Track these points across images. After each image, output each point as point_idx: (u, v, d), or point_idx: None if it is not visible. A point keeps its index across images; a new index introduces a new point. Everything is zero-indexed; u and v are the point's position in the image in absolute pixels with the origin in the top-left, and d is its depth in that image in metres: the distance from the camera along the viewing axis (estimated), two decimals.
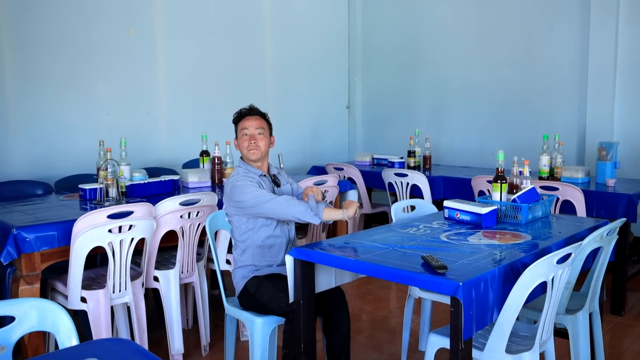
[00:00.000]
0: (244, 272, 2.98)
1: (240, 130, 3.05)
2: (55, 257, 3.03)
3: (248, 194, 2.85)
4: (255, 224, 2.95)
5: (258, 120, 3.07)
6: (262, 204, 2.82)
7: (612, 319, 4.09)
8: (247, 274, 2.97)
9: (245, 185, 2.88)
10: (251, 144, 3.01)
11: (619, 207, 4.06)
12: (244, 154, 3.05)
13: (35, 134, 4.61)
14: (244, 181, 2.90)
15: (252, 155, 3.01)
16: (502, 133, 5.99)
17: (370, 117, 7.22)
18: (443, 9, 6.42)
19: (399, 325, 3.92)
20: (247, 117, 3.07)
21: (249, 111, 3.10)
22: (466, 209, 3.01)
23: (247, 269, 2.98)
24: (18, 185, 4.04)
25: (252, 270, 2.97)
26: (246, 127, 3.03)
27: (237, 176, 2.96)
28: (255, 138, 3.02)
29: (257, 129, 3.04)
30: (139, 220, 3.10)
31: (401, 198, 5.06)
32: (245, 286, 2.96)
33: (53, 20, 4.64)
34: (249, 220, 2.95)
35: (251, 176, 2.97)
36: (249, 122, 3.05)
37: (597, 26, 5.25)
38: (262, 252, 2.98)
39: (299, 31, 6.60)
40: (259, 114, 3.12)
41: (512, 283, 2.22)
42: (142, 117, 5.27)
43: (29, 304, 1.83)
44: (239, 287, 2.99)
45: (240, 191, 2.88)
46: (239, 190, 2.88)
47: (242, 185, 2.88)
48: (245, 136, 3.03)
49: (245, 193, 2.86)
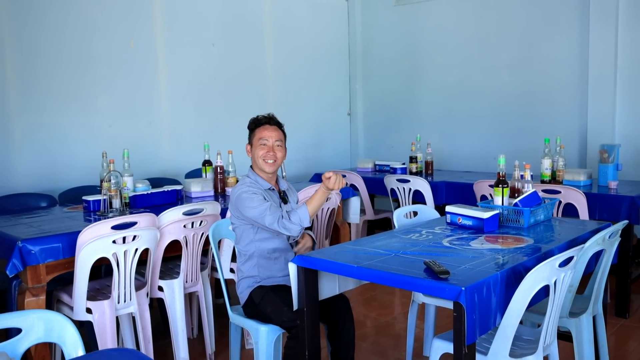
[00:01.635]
0: (249, 282, 2.98)
1: (258, 139, 3.01)
2: (60, 268, 3.04)
3: (252, 207, 2.84)
4: (262, 234, 2.95)
5: (277, 131, 3.04)
6: (264, 217, 2.82)
7: (616, 321, 4.08)
8: (252, 283, 2.97)
9: (250, 197, 2.87)
10: (269, 155, 2.98)
11: (621, 209, 4.06)
12: (258, 163, 3.00)
13: (39, 147, 4.64)
14: (249, 192, 2.89)
15: (268, 167, 2.99)
16: (504, 137, 6.00)
17: (372, 124, 7.24)
18: (443, 14, 6.45)
19: (403, 331, 3.92)
20: (266, 125, 3.03)
21: (269, 120, 3.05)
22: (468, 213, 3.02)
23: (251, 280, 2.98)
24: (22, 198, 4.06)
25: (257, 280, 2.97)
26: (265, 138, 2.99)
27: (242, 186, 2.95)
28: (273, 150, 2.99)
29: (276, 141, 3.01)
30: (142, 230, 3.11)
31: (403, 204, 5.07)
32: (250, 295, 2.95)
33: (55, 34, 4.68)
34: (254, 230, 2.95)
35: (257, 187, 2.95)
36: (268, 133, 3.01)
37: (596, 29, 5.27)
38: (267, 263, 2.97)
39: (299, 39, 6.63)
40: (278, 124, 3.08)
41: (514, 287, 2.23)
42: (144, 128, 5.30)
43: (35, 316, 1.85)
44: (244, 297, 2.99)
45: (245, 203, 2.87)
46: (243, 201, 2.88)
47: (247, 198, 2.87)
48: (263, 146, 2.99)
49: (249, 206, 2.85)
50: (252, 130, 3.06)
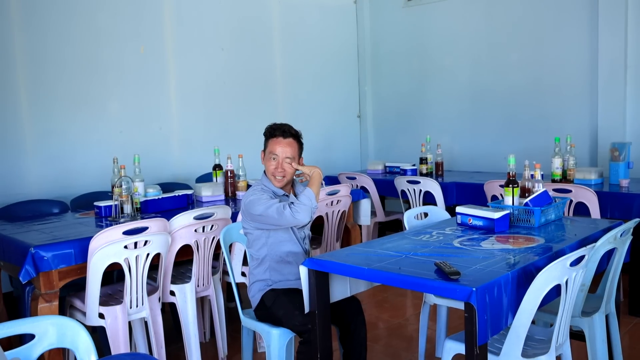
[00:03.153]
0: (260, 285, 2.98)
1: (270, 152, 2.99)
2: (73, 274, 3.06)
3: (260, 204, 2.85)
4: (275, 238, 2.95)
5: (290, 146, 2.99)
6: (272, 210, 2.81)
7: (630, 320, 4.05)
8: (263, 287, 2.97)
9: (259, 198, 2.88)
10: (277, 171, 2.97)
11: (633, 207, 4.04)
12: (269, 175, 3.01)
13: (50, 154, 4.68)
14: (258, 194, 2.91)
15: (277, 183, 2.99)
16: (514, 137, 5.98)
17: (382, 126, 7.24)
18: (452, 15, 6.44)
19: (416, 332, 3.91)
20: (279, 139, 2.98)
21: (283, 133, 2.99)
22: (478, 214, 3.01)
23: (263, 283, 2.98)
24: (34, 204, 4.09)
25: (269, 284, 2.97)
26: (276, 153, 2.97)
27: (253, 190, 2.96)
28: (282, 166, 2.97)
29: (286, 158, 2.97)
30: (154, 235, 3.13)
31: (414, 205, 5.07)
32: (262, 299, 2.96)
33: (65, 41, 4.72)
34: (267, 234, 2.95)
35: (268, 192, 2.96)
36: (280, 148, 2.97)
37: (606, 27, 5.25)
38: (280, 267, 2.97)
39: (308, 42, 6.64)
40: (292, 136, 3.02)
41: (526, 287, 2.22)
42: (155, 133, 5.33)
43: (48, 322, 1.86)
44: (255, 300, 2.99)
45: (255, 204, 2.87)
46: (253, 204, 2.88)
47: (257, 199, 2.88)
48: (273, 160, 2.98)
49: (257, 204, 2.86)
50: (267, 138, 3.04)
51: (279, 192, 3.01)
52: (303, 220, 2.79)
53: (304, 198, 2.83)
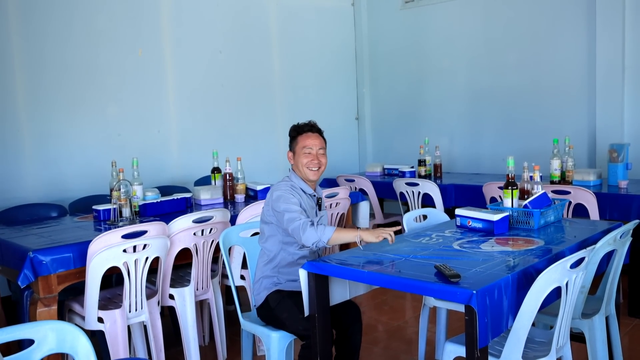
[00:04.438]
0: (267, 284, 2.94)
1: (302, 147, 2.98)
2: (72, 278, 3.05)
3: (286, 205, 2.80)
4: (290, 239, 2.88)
5: (319, 139, 3.03)
6: (289, 223, 2.75)
7: (630, 321, 4.05)
8: (270, 285, 2.94)
9: (289, 198, 2.83)
10: (313, 163, 2.96)
11: (632, 208, 4.04)
12: (302, 171, 2.97)
13: (49, 157, 4.67)
14: (285, 193, 2.86)
15: (313, 175, 2.96)
16: (512, 138, 5.98)
17: (380, 128, 7.24)
18: (449, 16, 6.44)
19: (415, 334, 3.91)
20: (308, 133, 3.01)
21: (311, 128, 3.04)
22: (478, 216, 3.01)
23: (269, 281, 2.94)
24: (33, 208, 4.08)
25: (275, 283, 2.93)
26: (309, 146, 2.97)
27: (285, 188, 2.90)
28: (317, 157, 2.98)
29: (320, 149, 3.00)
30: (153, 239, 3.12)
31: (413, 207, 5.06)
32: (266, 299, 2.92)
33: (63, 44, 4.71)
34: (283, 233, 2.89)
35: (298, 192, 2.92)
36: (312, 141, 2.99)
37: (603, 28, 5.25)
38: (289, 268, 2.92)
39: (306, 44, 6.64)
40: (319, 131, 3.07)
41: (526, 289, 2.22)
42: (153, 136, 5.32)
43: (47, 327, 1.85)
44: (260, 299, 2.96)
45: (280, 202, 2.82)
46: (284, 200, 2.83)
47: (287, 197, 2.83)
48: (307, 154, 2.96)
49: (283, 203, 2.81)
50: (294, 137, 3.04)
51: (307, 191, 2.98)
52: (305, 242, 2.70)
53: (320, 231, 2.68)
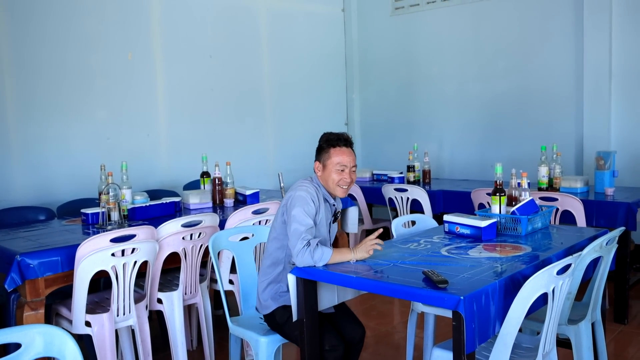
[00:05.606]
0: (272, 293, 2.88)
1: (336, 163, 2.85)
2: (59, 282, 3.04)
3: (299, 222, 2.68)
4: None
5: (353, 155, 2.91)
6: (292, 235, 2.66)
7: (615, 327, 4.09)
8: (275, 295, 2.87)
9: (308, 204, 2.74)
10: (345, 181, 2.85)
11: (618, 215, 4.08)
12: (331, 186, 2.86)
13: (37, 160, 4.64)
14: (306, 198, 2.75)
15: (342, 193, 2.87)
16: (501, 145, 6.02)
17: (369, 133, 7.26)
18: (439, 23, 6.49)
19: (403, 340, 3.91)
20: (343, 148, 2.89)
21: (345, 142, 2.91)
22: (466, 222, 3.03)
23: (275, 289, 2.88)
24: (21, 211, 4.06)
25: (280, 293, 2.86)
26: (344, 163, 2.85)
27: (305, 187, 2.81)
28: (350, 176, 2.87)
29: (353, 167, 2.89)
30: (141, 243, 3.12)
31: (401, 213, 5.08)
32: (273, 312, 2.86)
33: (52, 47, 4.69)
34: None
35: (319, 200, 2.82)
36: (347, 157, 2.87)
37: (591, 37, 5.31)
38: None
39: (296, 49, 6.66)
40: (352, 145, 2.95)
41: (513, 295, 2.23)
42: (142, 140, 5.31)
43: (34, 331, 1.84)
44: (266, 307, 2.89)
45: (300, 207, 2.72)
46: (301, 204, 2.73)
47: (307, 202, 2.74)
48: (340, 172, 2.85)
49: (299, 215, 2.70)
50: (325, 149, 2.91)
51: (329, 200, 2.91)
52: (299, 263, 2.58)
53: (317, 256, 2.56)
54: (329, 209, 2.93)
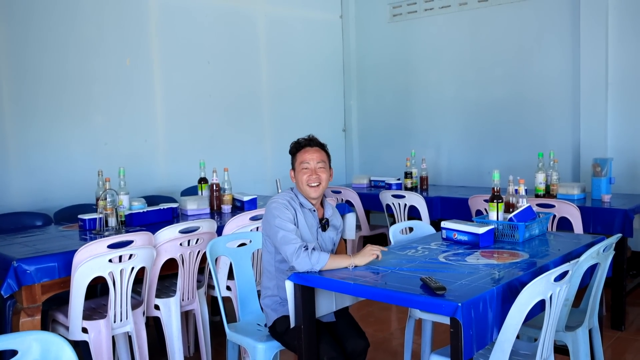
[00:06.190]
0: (272, 304, 2.89)
1: (300, 163, 2.87)
2: (56, 288, 3.03)
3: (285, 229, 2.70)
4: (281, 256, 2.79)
5: (319, 152, 2.89)
6: (282, 243, 2.67)
7: (612, 334, 4.09)
8: (275, 306, 2.88)
9: (281, 212, 2.74)
10: (312, 178, 2.84)
11: (615, 222, 4.09)
12: (303, 188, 2.87)
13: (34, 166, 4.64)
14: (281, 207, 2.77)
15: (313, 192, 2.85)
16: (498, 152, 6.03)
17: (367, 140, 7.26)
18: (436, 30, 6.50)
19: (401, 346, 3.91)
20: (306, 148, 2.89)
21: (309, 142, 2.91)
22: (463, 229, 3.03)
23: (273, 300, 2.89)
24: (17, 217, 4.05)
25: (280, 304, 2.87)
26: (307, 161, 2.86)
27: (277, 198, 2.83)
28: (316, 172, 2.85)
29: (318, 163, 2.86)
30: (139, 249, 3.11)
31: (399, 219, 5.08)
32: (274, 323, 2.86)
33: (51, 52, 4.70)
34: (276, 250, 2.81)
35: (294, 206, 2.83)
36: (309, 155, 2.87)
37: (587, 44, 5.32)
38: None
39: (294, 56, 6.67)
40: (319, 145, 2.93)
41: (510, 302, 2.23)
42: (140, 146, 5.31)
43: (31, 337, 1.83)
44: (268, 317, 2.90)
45: (273, 216, 2.75)
46: (271, 213, 2.76)
47: (276, 213, 2.75)
48: (305, 170, 2.85)
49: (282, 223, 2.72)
50: (294, 154, 2.93)
51: (307, 205, 2.88)
52: (297, 269, 2.59)
53: (315, 259, 2.57)
54: (310, 214, 2.91)
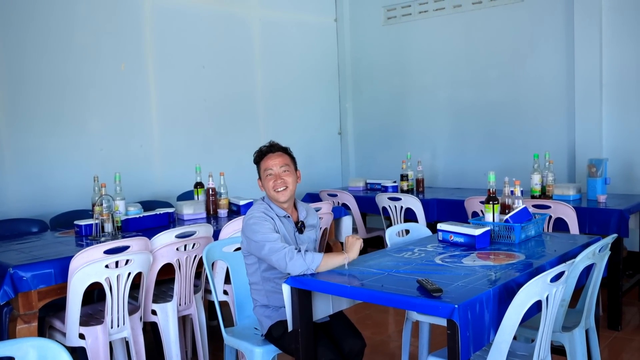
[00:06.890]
0: (265, 312, 2.89)
1: (264, 170, 2.88)
2: (53, 294, 3.02)
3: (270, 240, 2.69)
4: (268, 265, 2.80)
5: (281, 157, 2.91)
6: (271, 254, 2.66)
7: (609, 334, 4.10)
8: (268, 313, 2.88)
9: (261, 226, 2.73)
10: (277, 184, 2.84)
11: (610, 222, 4.10)
12: (271, 195, 2.87)
13: (30, 172, 4.63)
14: (259, 221, 2.76)
15: (281, 196, 2.85)
16: (494, 153, 6.05)
17: (363, 143, 7.27)
18: (431, 32, 6.51)
19: (398, 349, 3.91)
20: (268, 155, 2.90)
21: (270, 148, 2.92)
22: (459, 231, 3.04)
23: (265, 309, 2.89)
24: (13, 223, 4.03)
25: (271, 311, 2.87)
26: (270, 167, 2.87)
27: (252, 213, 2.83)
28: (281, 177, 2.86)
29: (281, 167, 2.87)
30: (135, 254, 3.11)
31: (395, 222, 5.09)
32: (269, 329, 2.86)
33: (45, 57, 4.69)
34: (259, 261, 2.84)
35: (270, 216, 2.83)
36: (272, 161, 2.88)
37: (581, 45, 5.35)
38: (277, 292, 2.81)
39: (289, 60, 6.67)
40: (281, 149, 2.94)
41: (507, 303, 2.24)
42: (136, 151, 5.30)
43: (28, 344, 1.83)
44: (262, 326, 2.90)
45: (253, 232, 2.74)
46: (251, 230, 2.75)
47: (256, 229, 2.74)
48: (269, 176, 2.86)
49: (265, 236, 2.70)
50: (258, 163, 2.94)
51: (280, 213, 2.88)
52: (292, 271, 2.58)
53: (309, 258, 2.58)
54: (286, 221, 2.91)
